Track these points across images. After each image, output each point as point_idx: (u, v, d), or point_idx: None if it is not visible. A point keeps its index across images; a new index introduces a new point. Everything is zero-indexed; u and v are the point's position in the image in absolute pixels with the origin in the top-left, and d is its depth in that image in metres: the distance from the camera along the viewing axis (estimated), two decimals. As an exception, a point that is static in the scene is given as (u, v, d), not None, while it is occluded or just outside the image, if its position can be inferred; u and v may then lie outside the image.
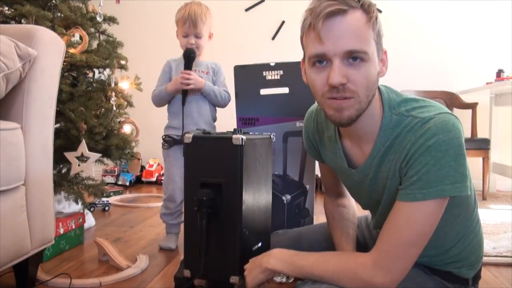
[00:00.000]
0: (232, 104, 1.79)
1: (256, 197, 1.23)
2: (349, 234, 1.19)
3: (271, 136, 1.34)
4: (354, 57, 0.83)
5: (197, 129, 1.30)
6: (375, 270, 0.88)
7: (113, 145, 1.84)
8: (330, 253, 1.00)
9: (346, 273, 0.91)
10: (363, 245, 1.28)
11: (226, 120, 2.28)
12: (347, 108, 0.86)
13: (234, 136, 1.12)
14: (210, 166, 1.17)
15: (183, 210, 1.82)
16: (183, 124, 1.75)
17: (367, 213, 1.35)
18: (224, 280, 1.17)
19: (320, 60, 0.85)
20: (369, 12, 0.85)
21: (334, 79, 0.83)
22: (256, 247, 1.24)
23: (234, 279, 1.15)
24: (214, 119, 1.87)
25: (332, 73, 0.83)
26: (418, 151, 0.85)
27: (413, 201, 0.86)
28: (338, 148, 1.04)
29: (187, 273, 1.20)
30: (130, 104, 1.97)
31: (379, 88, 0.95)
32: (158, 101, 1.82)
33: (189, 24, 1.74)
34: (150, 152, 3.36)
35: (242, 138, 1.11)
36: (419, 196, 0.85)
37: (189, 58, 1.74)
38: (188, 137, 1.19)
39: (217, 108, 1.89)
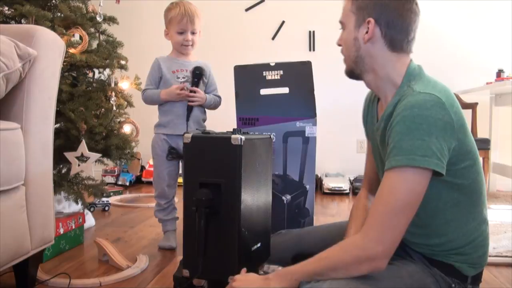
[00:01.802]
0: (232, 104, 1.79)
1: (256, 197, 1.23)
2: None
3: (271, 136, 1.34)
4: (341, 27, 1.10)
5: (197, 129, 1.30)
6: (365, 242, 0.91)
7: (113, 145, 1.84)
8: (323, 253, 1.00)
9: (340, 257, 0.94)
10: None
11: (226, 120, 2.28)
12: (345, 64, 1.11)
13: (233, 136, 1.12)
14: (209, 166, 1.17)
15: (175, 205, 1.85)
16: (187, 127, 1.78)
17: None
18: (223, 280, 1.16)
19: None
20: None
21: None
22: (255, 247, 1.24)
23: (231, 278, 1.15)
24: (204, 120, 1.90)
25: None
26: (396, 119, 0.93)
27: (390, 168, 0.91)
28: (374, 110, 1.17)
29: (186, 272, 1.20)
30: (130, 104, 1.97)
31: (410, 63, 1.05)
32: (150, 102, 1.84)
33: (186, 20, 1.75)
34: (150, 152, 3.36)
35: (241, 138, 1.11)
36: (393, 162, 0.91)
37: (198, 75, 1.78)
38: (187, 137, 1.18)
39: (217, 108, 1.92)
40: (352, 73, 1.10)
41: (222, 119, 2.43)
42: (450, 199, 0.98)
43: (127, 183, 3.37)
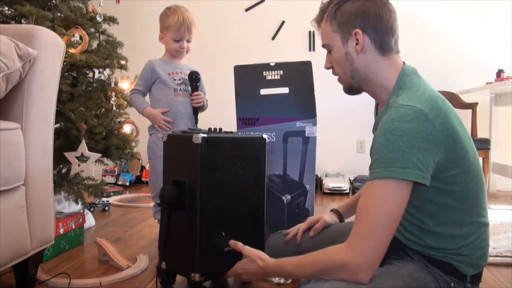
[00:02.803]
0: (232, 104, 1.79)
1: (234, 199, 1.21)
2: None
3: (263, 136, 1.31)
4: (328, 50, 1.11)
5: (189, 128, 1.32)
6: (348, 252, 0.92)
7: (113, 145, 1.84)
8: (307, 255, 1.05)
9: (326, 264, 0.96)
10: None
11: (226, 120, 2.28)
12: (341, 83, 1.13)
13: (194, 135, 1.13)
14: (179, 164, 1.22)
15: None
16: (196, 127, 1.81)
17: None
18: (185, 275, 1.24)
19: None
20: (324, 12, 1.10)
21: (325, 65, 1.15)
22: (230, 248, 1.22)
23: (194, 276, 1.17)
24: (196, 121, 1.93)
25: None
26: (378, 131, 0.95)
27: (371, 180, 0.93)
28: (375, 112, 1.20)
29: (163, 265, 1.26)
30: (130, 104, 1.97)
31: (403, 68, 1.06)
32: (133, 106, 1.87)
33: (184, 29, 1.79)
34: (147, 154, 3.36)
35: (201, 137, 1.12)
36: (374, 174, 0.92)
37: (195, 79, 1.82)
38: (165, 136, 1.25)
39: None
40: (351, 89, 1.11)
41: (222, 119, 2.43)
42: (442, 203, 0.99)
43: (127, 183, 3.37)
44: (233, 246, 1.22)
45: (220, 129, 1.26)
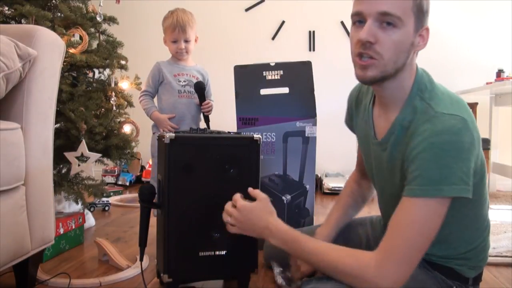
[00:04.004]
0: (232, 104, 1.79)
1: (218, 202, 1.16)
2: (347, 214, 1.28)
3: (255, 136, 1.23)
4: (388, 22, 0.88)
5: (190, 128, 1.32)
6: (379, 272, 0.87)
7: (113, 145, 1.84)
8: (332, 245, 1.01)
9: (346, 268, 0.91)
10: (366, 243, 1.28)
11: (226, 120, 2.28)
12: (371, 69, 0.91)
13: (166, 134, 1.15)
14: (160, 163, 1.24)
15: None
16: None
17: (373, 213, 1.36)
18: (158, 274, 1.27)
19: (360, 19, 0.91)
20: None
21: (363, 34, 0.88)
22: (207, 253, 1.19)
23: (163, 276, 1.17)
24: (199, 121, 1.97)
25: (363, 30, 0.89)
26: (421, 145, 0.87)
27: (413, 197, 0.87)
28: (369, 115, 1.08)
29: (157, 266, 1.30)
30: (130, 104, 1.97)
31: (417, 67, 0.99)
32: (142, 108, 1.91)
33: (178, 30, 1.83)
34: (150, 152, 3.36)
35: (169, 137, 1.13)
36: (418, 192, 0.86)
37: (201, 90, 1.84)
38: (157, 136, 1.29)
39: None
40: (375, 78, 0.94)
41: (222, 119, 2.43)
42: (459, 213, 0.96)
43: (127, 183, 3.36)
44: (251, 192, 1.13)
45: (204, 129, 1.27)
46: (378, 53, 0.89)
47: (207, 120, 1.89)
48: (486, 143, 2.96)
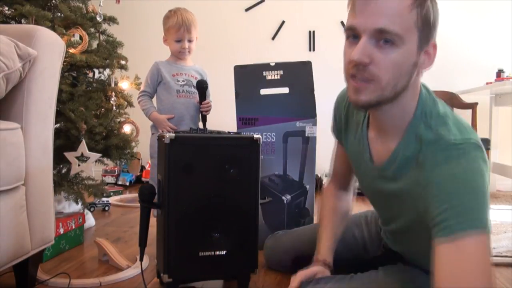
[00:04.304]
0: (232, 104, 1.79)
1: (218, 202, 1.18)
2: (336, 230, 1.20)
3: (255, 136, 1.23)
4: (386, 39, 0.77)
5: (190, 127, 1.33)
6: None
7: (113, 145, 1.84)
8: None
9: None
10: (362, 244, 1.28)
11: (226, 120, 2.28)
12: (365, 92, 0.80)
13: (166, 134, 1.15)
14: (160, 163, 1.24)
15: None
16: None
17: (365, 208, 1.34)
18: (158, 274, 1.26)
19: (354, 34, 0.80)
20: None
21: (355, 54, 0.77)
22: (207, 253, 1.19)
23: (163, 276, 1.17)
24: (198, 121, 1.97)
25: (356, 49, 0.78)
26: (442, 176, 0.78)
27: (452, 235, 0.73)
28: (363, 136, 0.98)
29: (157, 266, 1.29)
30: (130, 104, 1.97)
31: (421, 88, 0.89)
32: (141, 108, 1.90)
33: (183, 30, 1.82)
34: (149, 153, 3.36)
35: (169, 137, 1.13)
36: (464, 226, 0.73)
37: (203, 88, 1.84)
38: (157, 136, 1.29)
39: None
40: (371, 103, 0.83)
41: (222, 119, 2.43)
42: None
43: (127, 183, 3.36)
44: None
45: (204, 129, 1.28)
46: (374, 75, 0.78)
47: (204, 120, 1.88)
48: (486, 143, 2.96)
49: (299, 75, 1.80)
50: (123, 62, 1.94)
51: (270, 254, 1.48)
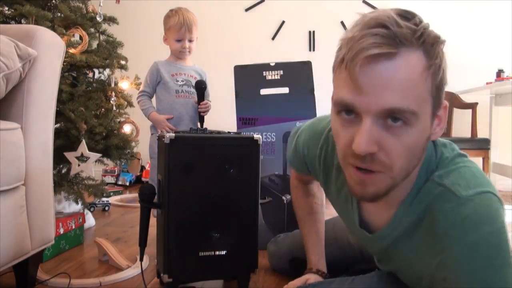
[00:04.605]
0: (232, 104, 1.79)
1: (218, 202, 1.18)
2: (318, 231, 1.19)
3: (255, 136, 1.22)
4: (395, 117, 0.61)
5: (190, 128, 1.33)
6: None
7: (113, 145, 1.84)
8: None
9: None
10: (357, 249, 1.27)
11: (226, 120, 2.28)
12: (373, 183, 0.66)
13: (166, 134, 1.15)
14: (160, 163, 1.24)
15: None
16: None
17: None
18: (159, 274, 1.26)
19: (349, 110, 0.65)
20: (432, 56, 0.64)
21: (361, 146, 0.61)
22: (207, 253, 1.19)
23: (163, 276, 1.17)
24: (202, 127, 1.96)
25: (359, 137, 0.62)
26: (458, 249, 0.63)
27: None
28: (352, 197, 0.83)
29: (157, 265, 1.29)
30: (130, 104, 1.97)
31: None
32: (140, 108, 1.90)
33: (185, 29, 1.82)
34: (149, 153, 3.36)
35: (169, 137, 1.14)
36: None
37: (202, 89, 1.83)
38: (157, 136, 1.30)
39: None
40: (380, 194, 0.68)
41: (222, 119, 2.43)
42: None
43: (127, 183, 3.37)
44: None
45: (204, 129, 1.27)
46: (385, 164, 0.63)
47: (201, 120, 1.88)
48: (486, 143, 2.96)
49: (299, 75, 1.80)
50: (123, 62, 1.94)
51: (273, 261, 1.48)
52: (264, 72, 1.80)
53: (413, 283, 0.81)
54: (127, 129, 1.98)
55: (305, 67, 1.81)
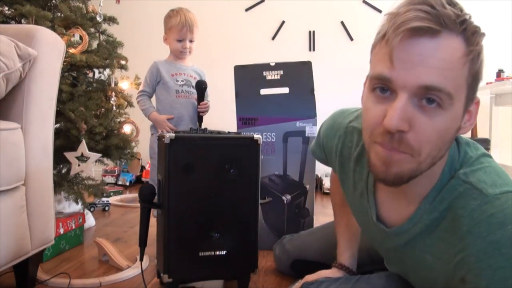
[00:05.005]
0: (232, 104, 1.79)
1: (218, 202, 1.18)
2: (349, 224, 1.15)
3: (255, 136, 1.22)
4: (430, 98, 0.61)
5: (190, 127, 1.33)
6: None
7: (113, 145, 1.84)
8: None
9: None
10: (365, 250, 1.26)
11: (226, 120, 2.28)
12: (398, 163, 0.64)
13: (166, 134, 1.16)
14: (160, 163, 1.24)
15: None
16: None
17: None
18: (159, 274, 1.26)
19: (384, 87, 0.64)
20: (472, 43, 0.63)
21: (392, 121, 0.60)
22: (207, 253, 1.20)
23: (163, 276, 1.17)
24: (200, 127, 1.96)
25: (392, 111, 0.61)
26: (480, 245, 0.62)
27: None
28: (369, 194, 0.83)
29: (157, 266, 1.30)
30: (130, 104, 1.97)
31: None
32: (140, 108, 1.90)
33: (186, 29, 1.83)
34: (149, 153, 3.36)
35: (169, 137, 1.14)
36: None
37: (203, 89, 1.83)
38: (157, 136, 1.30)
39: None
40: (403, 179, 0.66)
41: (222, 119, 2.43)
42: None
43: (127, 183, 3.36)
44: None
45: (204, 129, 1.27)
46: (412, 146, 0.62)
47: (200, 120, 1.88)
48: (486, 143, 2.96)
49: (299, 75, 1.80)
50: (123, 62, 1.94)
51: (280, 264, 1.48)
52: (264, 72, 1.80)
53: (423, 286, 0.80)
54: (127, 129, 1.98)
55: (305, 67, 1.81)
